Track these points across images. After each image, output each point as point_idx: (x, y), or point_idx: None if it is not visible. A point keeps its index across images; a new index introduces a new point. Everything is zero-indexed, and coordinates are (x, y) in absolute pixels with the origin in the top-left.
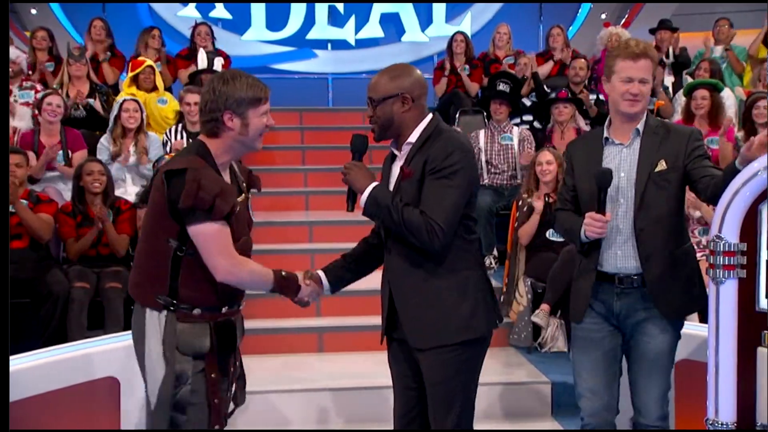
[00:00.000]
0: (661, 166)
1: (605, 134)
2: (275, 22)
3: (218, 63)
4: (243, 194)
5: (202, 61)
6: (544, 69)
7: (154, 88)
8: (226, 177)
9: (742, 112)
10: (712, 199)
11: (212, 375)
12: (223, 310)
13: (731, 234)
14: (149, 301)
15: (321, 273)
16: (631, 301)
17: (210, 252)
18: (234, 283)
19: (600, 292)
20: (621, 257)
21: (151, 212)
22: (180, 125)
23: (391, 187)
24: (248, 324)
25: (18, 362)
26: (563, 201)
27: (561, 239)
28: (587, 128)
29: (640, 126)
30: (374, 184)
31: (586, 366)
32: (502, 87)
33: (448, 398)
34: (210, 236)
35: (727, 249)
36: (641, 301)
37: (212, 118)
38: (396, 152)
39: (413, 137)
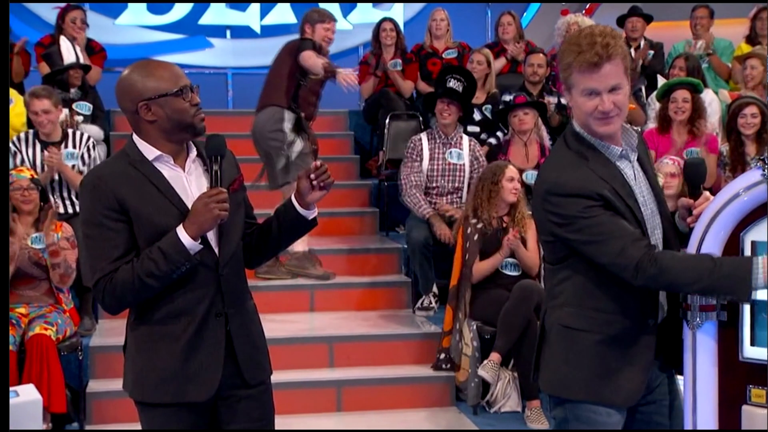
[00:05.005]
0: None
1: (618, 147)
2: (159, 2)
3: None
4: None
5: (68, 52)
6: (494, 66)
7: None
8: None
9: (726, 121)
10: None
11: None
12: None
13: None
14: None
15: None
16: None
17: None
18: None
19: None
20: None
21: None
22: (32, 132)
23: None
24: None
25: None
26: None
27: (515, 273)
28: (548, 141)
29: (636, 133)
30: None
31: None
32: (452, 84)
33: None
34: None
35: None
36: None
37: None
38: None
39: None
